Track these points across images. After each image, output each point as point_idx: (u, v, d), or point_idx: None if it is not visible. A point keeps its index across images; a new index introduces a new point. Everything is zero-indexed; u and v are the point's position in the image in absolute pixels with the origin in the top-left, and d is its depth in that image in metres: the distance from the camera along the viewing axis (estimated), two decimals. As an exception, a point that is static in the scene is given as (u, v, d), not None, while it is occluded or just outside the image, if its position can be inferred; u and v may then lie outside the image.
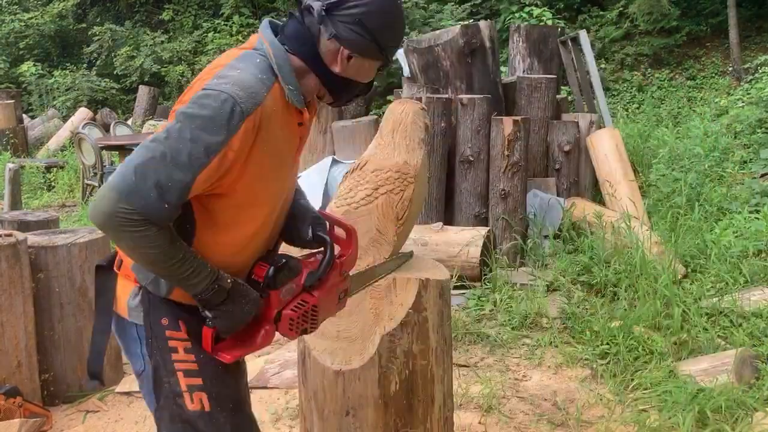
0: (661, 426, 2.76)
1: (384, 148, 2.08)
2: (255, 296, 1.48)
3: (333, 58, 1.47)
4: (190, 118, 1.33)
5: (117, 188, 1.30)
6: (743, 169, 6.00)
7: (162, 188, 1.30)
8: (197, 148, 1.31)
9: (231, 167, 1.36)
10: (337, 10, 1.42)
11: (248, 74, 1.38)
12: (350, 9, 1.42)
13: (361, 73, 1.51)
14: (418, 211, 2.13)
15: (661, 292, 3.74)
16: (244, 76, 1.38)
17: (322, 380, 2.00)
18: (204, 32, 13.38)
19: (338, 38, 1.44)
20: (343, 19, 1.42)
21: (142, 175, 1.30)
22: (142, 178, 1.30)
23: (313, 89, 1.52)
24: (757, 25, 10.94)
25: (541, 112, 5.59)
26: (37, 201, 7.72)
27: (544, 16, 10.34)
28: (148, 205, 1.30)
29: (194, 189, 1.34)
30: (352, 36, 1.43)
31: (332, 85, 1.51)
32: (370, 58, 1.49)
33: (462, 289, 4.25)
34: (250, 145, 1.37)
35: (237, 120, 1.32)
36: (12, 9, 15.36)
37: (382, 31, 1.45)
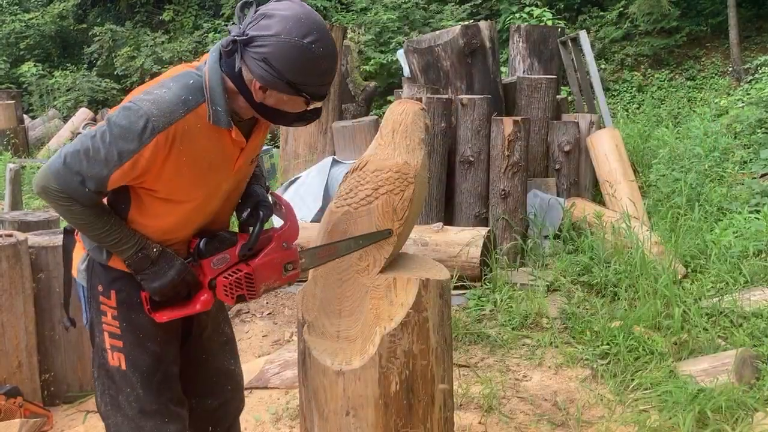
0: (661, 426, 2.76)
1: (384, 149, 2.08)
2: (179, 263, 1.71)
3: (251, 87, 1.60)
4: (112, 125, 1.56)
5: (50, 168, 1.61)
6: (743, 169, 5.99)
7: (83, 176, 1.58)
8: (112, 151, 1.55)
9: (146, 170, 1.59)
10: (248, 46, 1.54)
11: (172, 95, 1.57)
12: (258, 48, 1.53)
13: (283, 105, 1.62)
14: (418, 211, 2.13)
15: (662, 292, 3.74)
16: (167, 96, 1.56)
17: (323, 380, 2.00)
18: (204, 32, 13.39)
19: (249, 70, 1.57)
20: (252, 55, 1.54)
21: (69, 163, 1.58)
22: (68, 165, 1.58)
23: (247, 110, 1.66)
24: (757, 25, 10.94)
25: (542, 112, 5.59)
26: (38, 201, 7.71)
27: (544, 17, 10.35)
28: (71, 188, 1.59)
29: (111, 183, 1.60)
30: (259, 71, 1.55)
31: (259, 110, 1.64)
32: (285, 93, 1.58)
33: (462, 289, 4.25)
34: (165, 155, 1.58)
35: (148, 135, 1.54)
36: (12, 9, 15.38)
37: (291, 70, 1.54)
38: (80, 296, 1.86)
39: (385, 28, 11.73)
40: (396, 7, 12.00)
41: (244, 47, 1.54)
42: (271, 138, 10.24)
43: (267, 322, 4.24)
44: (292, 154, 6.30)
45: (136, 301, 1.76)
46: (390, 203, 2.01)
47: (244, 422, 3.04)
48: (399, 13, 11.91)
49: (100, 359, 1.84)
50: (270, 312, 4.38)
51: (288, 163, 6.22)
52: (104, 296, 1.79)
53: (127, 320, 1.79)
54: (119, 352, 1.80)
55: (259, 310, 4.43)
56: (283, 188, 5.83)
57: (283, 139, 6.45)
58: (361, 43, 10.52)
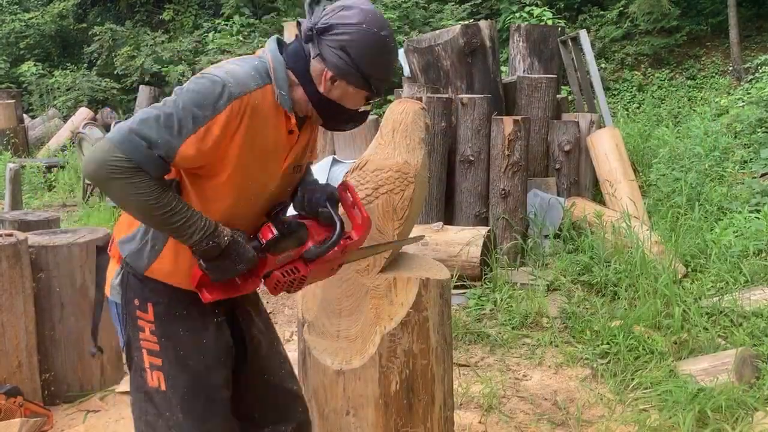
0: (661, 425, 2.76)
1: (384, 148, 2.09)
2: (251, 256, 1.58)
3: (319, 78, 1.58)
4: (185, 92, 1.49)
5: (112, 140, 1.44)
6: (743, 168, 5.99)
7: (152, 143, 1.44)
8: (186, 117, 1.46)
9: (217, 143, 1.49)
10: (325, 34, 1.54)
11: (242, 69, 1.53)
12: (337, 35, 1.54)
13: (345, 99, 1.61)
14: (418, 210, 2.13)
15: (662, 291, 3.74)
16: (238, 69, 1.53)
17: (323, 380, 2.00)
18: (204, 32, 13.38)
19: (323, 59, 1.56)
20: (329, 43, 1.54)
21: (137, 131, 1.44)
22: (137, 131, 1.44)
23: (303, 104, 1.63)
24: (757, 24, 10.94)
25: (542, 111, 5.59)
26: (38, 201, 7.72)
27: (544, 16, 10.34)
28: (139, 154, 1.43)
29: (180, 155, 1.46)
30: (335, 59, 1.55)
31: (319, 104, 1.62)
32: (353, 85, 1.59)
33: (462, 288, 4.25)
34: (235, 129, 1.50)
35: (224, 100, 1.47)
36: (12, 9, 15.37)
37: (366, 61, 1.55)
38: (115, 316, 1.72)
39: (385, 28, 11.71)
40: (396, 6, 11.99)
41: (320, 36, 1.55)
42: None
43: (267, 321, 4.24)
44: (292, 154, 6.29)
45: (176, 314, 1.65)
46: (390, 203, 2.01)
47: (244, 422, 3.05)
48: (399, 12, 11.90)
49: (139, 380, 1.68)
50: (270, 311, 4.38)
51: (288, 163, 6.22)
52: (141, 310, 1.65)
53: (166, 335, 1.65)
54: (158, 371, 1.64)
55: (259, 309, 4.42)
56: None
57: (283, 138, 6.44)
58: (361, 43, 10.51)
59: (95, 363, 3.23)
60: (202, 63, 12.32)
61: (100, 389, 3.24)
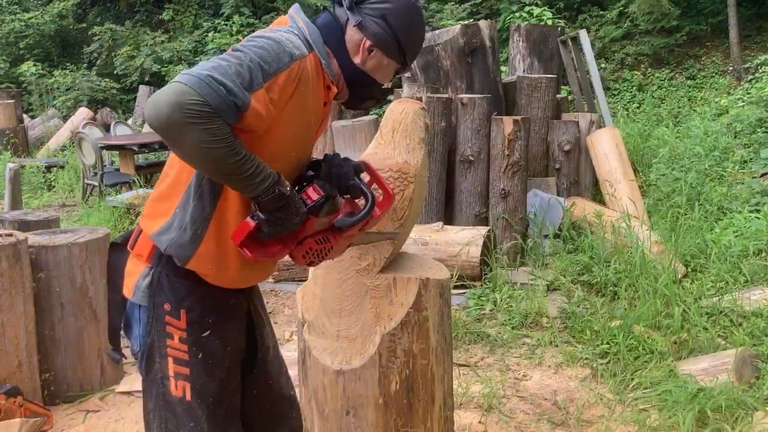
0: (661, 425, 2.77)
1: (384, 148, 2.08)
2: (304, 211, 1.52)
3: (356, 48, 1.59)
4: (250, 48, 1.42)
5: (188, 83, 1.31)
6: (743, 168, 6.00)
7: (228, 89, 1.34)
8: (256, 70, 1.39)
9: (275, 102, 1.43)
10: (365, 3, 1.57)
11: (292, 36, 1.50)
12: (378, 3, 1.56)
13: (379, 71, 1.62)
14: (418, 210, 2.13)
15: (661, 291, 3.74)
16: (289, 35, 1.49)
17: (323, 379, 2.00)
18: (204, 32, 13.39)
19: (362, 27, 1.57)
20: (369, 12, 1.56)
21: (214, 77, 1.34)
22: (214, 78, 1.33)
23: (336, 75, 1.61)
24: (757, 24, 10.94)
25: (542, 111, 5.59)
26: (38, 201, 7.72)
27: (544, 16, 10.34)
28: (219, 99, 1.32)
29: (252, 106, 1.38)
30: (375, 28, 1.57)
31: (351, 75, 1.61)
32: (389, 56, 1.60)
33: (462, 288, 4.25)
34: (292, 91, 1.46)
35: (288, 59, 1.44)
36: (12, 9, 15.37)
37: (404, 31, 1.58)
38: (135, 319, 1.62)
39: (385, 28, 11.72)
40: (396, 6, 11.99)
41: (360, 4, 1.57)
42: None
43: (267, 321, 4.24)
44: (292, 154, 6.29)
45: (208, 321, 1.59)
46: (390, 203, 2.00)
47: (244, 422, 3.05)
48: (399, 12, 11.89)
49: (160, 388, 1.60)
50: (270, 311, 4.38)
51: (288, 163, 6.22)
52: (171, 316, 1.57)
53: (197, 344, 1.57)
54: (184, 381, 1.58)
55: (259, 309, 4.42)
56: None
57: (283, 138, 6.44)
58: (361, 43, 10.52)
59: (95, 363, 3.23)
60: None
61: (100, 389, 3.24)
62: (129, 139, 7.45)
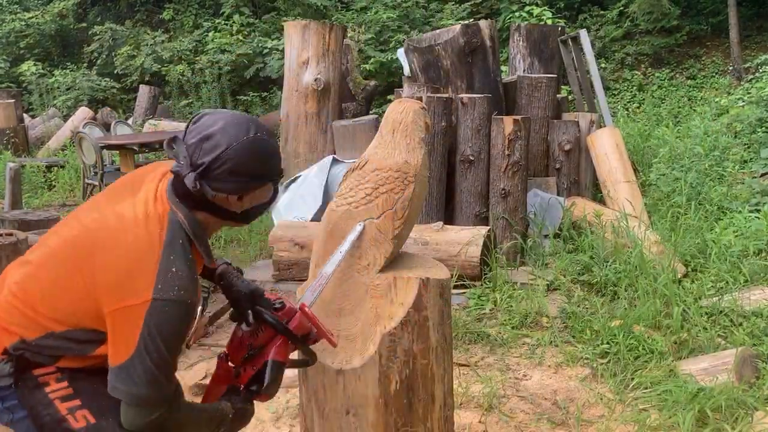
0: (661, 425, 2.77)
1: (384, 148, 2.08)
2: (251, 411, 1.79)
3: (227, 203, 1.63)
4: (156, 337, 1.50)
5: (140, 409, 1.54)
6: (743, 168, 6.00)
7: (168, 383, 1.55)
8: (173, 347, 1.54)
9: None
10: (208, 173, 1.55)
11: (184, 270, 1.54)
12: (221, 167, 1.55)
13: (258, 199, 1.68)
14: (418, 210, 2.13)
15: (661, 291, 3.74)
16: (184, 275, 1.54)
17: (323, 379, 2.00)
18: (204, 31, 13.37)
19: (221, 191, 1.58)
20: (218, 176, 1.56)
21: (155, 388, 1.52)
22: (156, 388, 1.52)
23: (216, 229, 1.73)
24: (758, 24, 10.94)
25: (542, 111, 5.59)
26: (38, 200, 7.72)
27: (544, 16, 10.34)
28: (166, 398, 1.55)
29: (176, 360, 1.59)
30: (231, 186, 1.58)
31: (240, 218, 1.70)
32: (257, 188, 1.64)
33: (462, 288, 4.25)
34: None
35: (192, 314, 1.57)
36: (12, 8, 15.36)
37: (256, 167, 1.60)
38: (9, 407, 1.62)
39: (385, 27, 11.73)
40: (396, 5, 11.99)
41: (203, 179, 1.56)
42: (271, 137, 10.22)
43: (267, 321, 4.23)
44: (292, 153, 6.30)
45: None
46: (390, 202, 2.01)
47: (244, 421, 3.05)
48: (399, 11, 11.90)
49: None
50: (270, 311, 4.37)
51: (288, 162, 6.21)
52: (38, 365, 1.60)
53: (72, 378, 1.62)
54: (80, 410, 1.60)
55: (259, 309, 4.42)
56: (282, 187, 5.83)
57: (283, 138, 6.45)
58: (361, 42, 10.52)
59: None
60: (202, 62, 12.33)
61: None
62: (129, 139, 7.44)
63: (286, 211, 5.50)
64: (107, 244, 1.54)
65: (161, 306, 1.50)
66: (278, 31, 12.11)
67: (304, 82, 6.16)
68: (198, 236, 1.61)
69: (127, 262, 1.52)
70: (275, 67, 11.50)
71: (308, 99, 6.17)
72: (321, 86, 6.12)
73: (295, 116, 6.26)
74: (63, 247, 1.60)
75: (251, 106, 12.18)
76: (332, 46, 6.26)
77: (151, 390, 1.51)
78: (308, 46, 6.17)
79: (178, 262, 1.54)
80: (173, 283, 1.51)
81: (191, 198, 1.59)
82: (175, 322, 1.52)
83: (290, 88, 6.29)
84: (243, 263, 5.17)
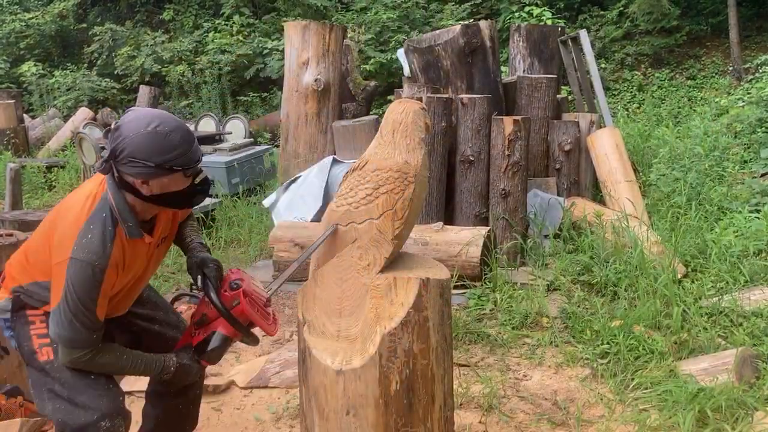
0: (661, 425, 2.77)
1: (384, 148, 2.09)
2: (197, 369, 2.14)
3: (139, 187, 1.91)
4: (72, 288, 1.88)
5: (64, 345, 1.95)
6: (743, 168, 6.00)
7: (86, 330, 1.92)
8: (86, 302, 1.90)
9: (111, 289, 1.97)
10: (115, 159, 1.88)
11: (97, 238, 1.90)
12: (122, 153, 1.86)
13: (169, 187, 1.93)
14: (418, 210, 2.13)
15: (662, 291, 3.74)
16: (95, 240, 1.89)
17: (323, 380, 2.00)
18: (205, 32, 13.39)
19: (127, 175, 1.89)
20: (121, 161, 1.87)
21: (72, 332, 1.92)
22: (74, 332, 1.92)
23: (147, 210, 2.00)
24: (758, 24, 10.95)
25: (542, 111, 5.59)
26: (38, 201, 7.72)
27: (544, 16, 10.35)
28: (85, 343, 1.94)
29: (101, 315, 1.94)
30: (133, 170, 1.87)
31: (155, 201, 1.95)
32: (162, 176, 1.89)
33: (462, 288, 4.25)
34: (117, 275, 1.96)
35: (99, 276, 1.89)
36: (13, 9, 15.37)
37: (152, 155, 1.85)
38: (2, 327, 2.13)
39: (385, 28, 11.74)
40: (396, 6, 12.00)
41: (114, 162, 1.88)
42: (271, 137, 10.24)
43: (267, 321, 4.24)
44: (292, 154, 6.30)
45: None
46: (390, 202, 2.01)
47: (244, 422, 3.05)
48: (399, 12, 11.91)
49: (33, 363, 2.06)
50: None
51: (288, 163, 6.21)
52: (32, 308, 2.08)
53: None
54: (47, 347, 2.04)
55: (260, 309, 4.42)
56: (283, 188, 5.83)
57: (283, 138, 6.45)
58: (361, 43, 10.52)
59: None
60: (202, 63, 12.33)
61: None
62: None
63: (286, 212, 5.50)
64: (62, 216, 1.97)
65: (73, 264, 1.87)
66: (278, 32, 12.11)
67: (304, 82, 6.16)
68: (123, 212, 1.93)
69: (64, 229, 1.92)
70: (275, 68, 11.51)
71: (308, 99, 6.17)
72: (321, 87, 6.12)
73: (295, 117, 6.26)
74: (46, 219, 2.07)
75: (251, 107, 12.19)
76: (332, 47, 6.25)
77: (70, 332, 1.90)
78: (308, 46, 6.17)
79: (95, 231, 1.90)
80: (86, 247, 1.88)
81: (121, 182, 1.91)
82: (84, 279, 1.87)
83: (290, 88, 6.29)
84: (243, 264, 5.18)
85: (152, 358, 2.06)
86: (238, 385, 3.37)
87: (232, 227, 5.93)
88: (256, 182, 7.39)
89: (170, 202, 1.98)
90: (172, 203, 1.99)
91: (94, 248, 1.88)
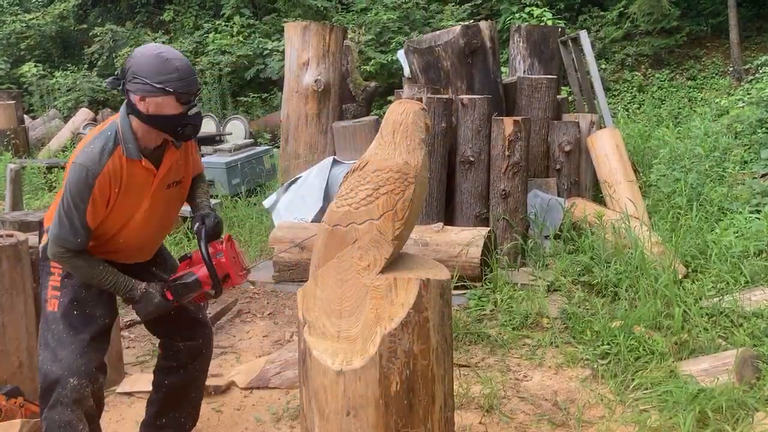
0: (661, 426, 2.77)
1: (384, 149, 2.08)
2: (158, 301, 2.33)
3: (137, 104, 2.16)
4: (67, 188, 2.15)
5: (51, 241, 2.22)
6: (744, 169, 5.99)
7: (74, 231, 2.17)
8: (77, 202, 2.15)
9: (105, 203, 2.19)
10: (125, 77, 2.17)
11: (98, 148, 2.16)
12: (129, 71, 2.16)
13: (162, 108, 2.16)
14: (418, 211, 2.13)
15: (662, 292, 3.74)
16: (95, 149, 2.16)
17: (323, 380, 2.00)
18: (205, 33, 13.38)
19: (131, 91, 2.16)
20: (128, 79, 2.16)
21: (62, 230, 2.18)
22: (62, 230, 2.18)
23: (153, 138, 2.24)
24: (758, 25, 10.95)
25: (542, 112, 5.59)
26: (39, 201, 7.72)
27: (544, 17, 10.35)
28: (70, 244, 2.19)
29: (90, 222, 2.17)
30: (134, 86, 2.15)
31: (148, 121, 2.17)
32: (157, 95, 2.13)
33: (463, 289, 4.25)
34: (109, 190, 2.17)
35: (91, 179, 2.14)
36: (13, 10, 15.38)
37: (151, 74, 2.12)
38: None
39: (385, 28, 11.74)
40: (396, 7, 12.00)
41: (123, 79, 2.17)
42: (271, 138, 10.25)
43: (267, 322, 4.24)
44: (292, 154, 6.30)
45: None
46: (390, 203, 2.01)
47: (244, 422, 3.05)
48: (399, 13, 11.91)
49: (43, 313, 2.30)
50: (270, 312, 4.38)
51: (288, 163, 6.22)
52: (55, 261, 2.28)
53: (66, 276, 2.29)
54: (55, 299, 2.28)
55: (260, 310, 4.43)
56: (283, 188, 5.84)
57: (283, 139, 6.45)
58: (361, 43, 10.53)
59: (96, 363, 3.23)
60: (203, 64, 12.33)
61: (101, 390, 3.24)
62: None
63: (286, 213, 5.50)
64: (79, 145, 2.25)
65: (73, 167, 2.15)
66: (278, 33, 12.11)
67: (304, 83, 6.16)
68: (125, 133, 2.19)
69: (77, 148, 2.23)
70: (275, 69, 11.51)
71: (308, 100, 6.17)
72: (321, 87, 6.12)
73: (295, 117, 6.26)
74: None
75: (251, 107, 12.19)
76: (332, 48, 6.25)
77: (58, 228, 2.17)
78: (308, 47, 6.17)
79: (97, 143, 2.17)
80: (85, 155, 2.15)
81: (128, 104, 2.18)
82: (77, 180, 2.13)
83: (290, 89, 6.29)
84: (243, 264, 5.17)
85: (124, 278, 2.29)
86: (239, 385, 3.37)
87: (232, 228, 5.94)
88: (256, 183, 7.40)
89: (163, 126, 2.19)
90: (164, 127, 2.20)
91: (91, 156, 2.15)
